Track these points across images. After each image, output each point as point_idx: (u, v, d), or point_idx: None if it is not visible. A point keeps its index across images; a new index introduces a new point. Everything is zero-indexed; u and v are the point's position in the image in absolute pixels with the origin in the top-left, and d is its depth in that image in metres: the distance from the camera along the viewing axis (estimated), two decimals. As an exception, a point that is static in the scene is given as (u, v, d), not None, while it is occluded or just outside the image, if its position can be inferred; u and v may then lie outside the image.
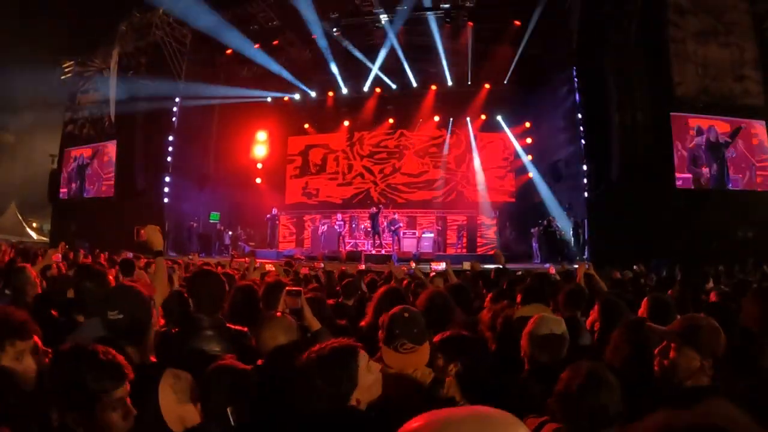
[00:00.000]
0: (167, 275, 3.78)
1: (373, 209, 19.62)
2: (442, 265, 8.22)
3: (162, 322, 3.27)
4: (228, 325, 3.20)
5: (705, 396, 2.14)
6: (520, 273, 8.87)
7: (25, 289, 4.17)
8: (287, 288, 3.29)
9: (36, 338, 2.11)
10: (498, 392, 2.69)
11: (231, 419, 2.04)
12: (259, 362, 2.64)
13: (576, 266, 8.90)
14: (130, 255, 9.43)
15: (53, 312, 3.88)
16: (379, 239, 19.76)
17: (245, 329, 3.27)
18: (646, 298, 3.78)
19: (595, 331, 3.58)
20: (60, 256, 6.24)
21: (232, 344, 3.04)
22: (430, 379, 2.30)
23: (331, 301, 4.92)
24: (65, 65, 23.92)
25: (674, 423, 1.09)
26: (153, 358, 2.60)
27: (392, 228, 19.32)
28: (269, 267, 7.73)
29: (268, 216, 21.48)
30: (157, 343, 2.79)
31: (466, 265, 8.83)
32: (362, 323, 3.89)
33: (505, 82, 20.14)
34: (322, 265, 9.51)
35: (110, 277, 3.23)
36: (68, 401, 1.65)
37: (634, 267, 8.43)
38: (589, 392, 1.97)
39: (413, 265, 7.88)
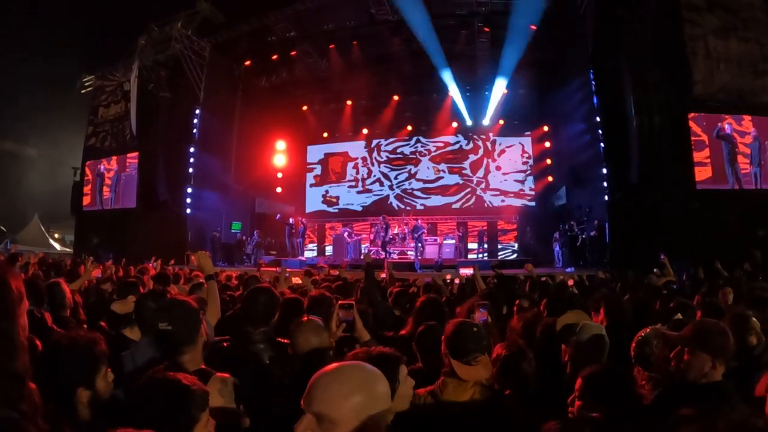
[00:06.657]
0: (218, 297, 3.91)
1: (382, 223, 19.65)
2: (470, 271, 8.26)
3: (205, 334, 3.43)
4: (278, 339, 3.35)
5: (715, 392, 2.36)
6: (544, 279, 8.93)
7: (64, 304, 4.31)
8: (340, 302, 3.43)
9: None
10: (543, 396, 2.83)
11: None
12: None
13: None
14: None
15: (103, 325, 4.06)
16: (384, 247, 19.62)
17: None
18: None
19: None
20: (99, 271, 6.38)
21: (280, 355, 3.18)
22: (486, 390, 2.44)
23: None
24: (86, 79, 24.41)
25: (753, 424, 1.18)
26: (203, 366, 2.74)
27: (415, 235, 19.31)
28: (296, 279, 7.77)
29: (284, 219, 21.62)
30: (209, 354, 2.92)
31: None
32: (403, 332, 3.99)
33: (522, 86, 20.14)
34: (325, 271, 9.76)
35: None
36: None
37: (655, 270, 8.37)
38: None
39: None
